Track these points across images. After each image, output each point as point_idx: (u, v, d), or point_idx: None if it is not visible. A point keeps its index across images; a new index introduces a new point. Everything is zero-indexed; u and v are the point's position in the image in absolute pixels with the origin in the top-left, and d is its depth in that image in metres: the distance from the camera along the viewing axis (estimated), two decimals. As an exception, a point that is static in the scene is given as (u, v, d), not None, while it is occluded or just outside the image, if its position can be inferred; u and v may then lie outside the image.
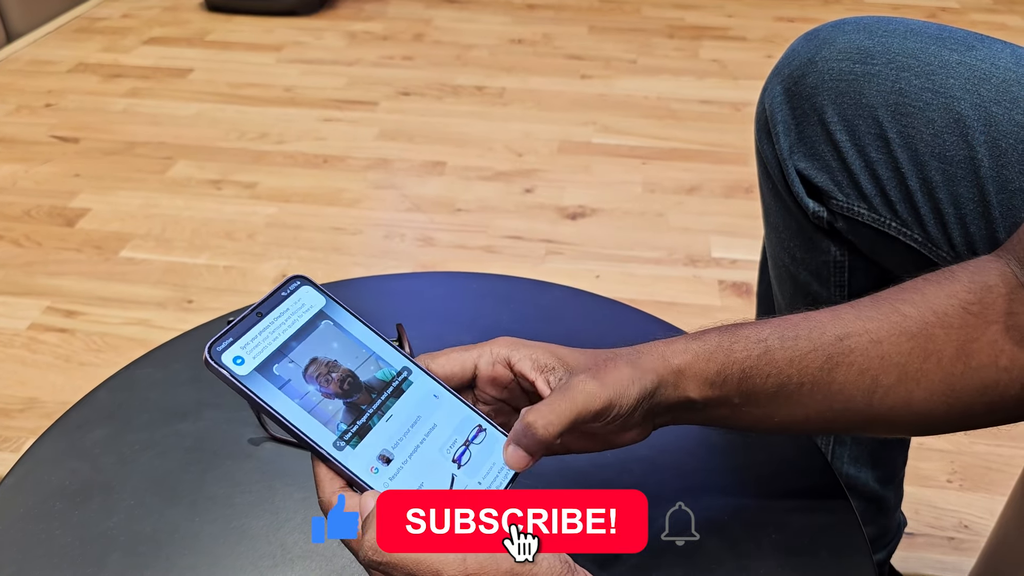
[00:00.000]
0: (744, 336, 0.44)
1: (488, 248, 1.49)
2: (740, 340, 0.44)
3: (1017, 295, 0.44)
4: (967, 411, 0.45)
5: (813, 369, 0.44)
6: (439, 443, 0.41)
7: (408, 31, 2.43)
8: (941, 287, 0.45)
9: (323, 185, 1.69)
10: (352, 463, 0.39)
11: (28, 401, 1.17)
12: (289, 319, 0.41)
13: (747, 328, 0.45)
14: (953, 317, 0.44)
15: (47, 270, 1.43)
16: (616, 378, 0.41)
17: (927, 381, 0.44)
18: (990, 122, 0.53)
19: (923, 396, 0.45)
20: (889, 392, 0.44)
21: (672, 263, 1.45)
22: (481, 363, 0.44)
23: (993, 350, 0.44)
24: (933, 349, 0.44)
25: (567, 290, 0.73)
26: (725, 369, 0.44)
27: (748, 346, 0.44)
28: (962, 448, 1.09)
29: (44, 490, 0.54)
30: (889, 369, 0.44)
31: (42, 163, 1.75)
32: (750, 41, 2.39)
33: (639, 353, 0.44)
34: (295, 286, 0.42)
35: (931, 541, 0.98)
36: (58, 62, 2.20)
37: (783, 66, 0.62)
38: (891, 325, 0.44)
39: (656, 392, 0.43)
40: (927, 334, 0.44)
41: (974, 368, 0.44)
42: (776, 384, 0.44)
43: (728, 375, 0.44)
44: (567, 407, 0.40)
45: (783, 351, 0.44)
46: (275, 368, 0.39)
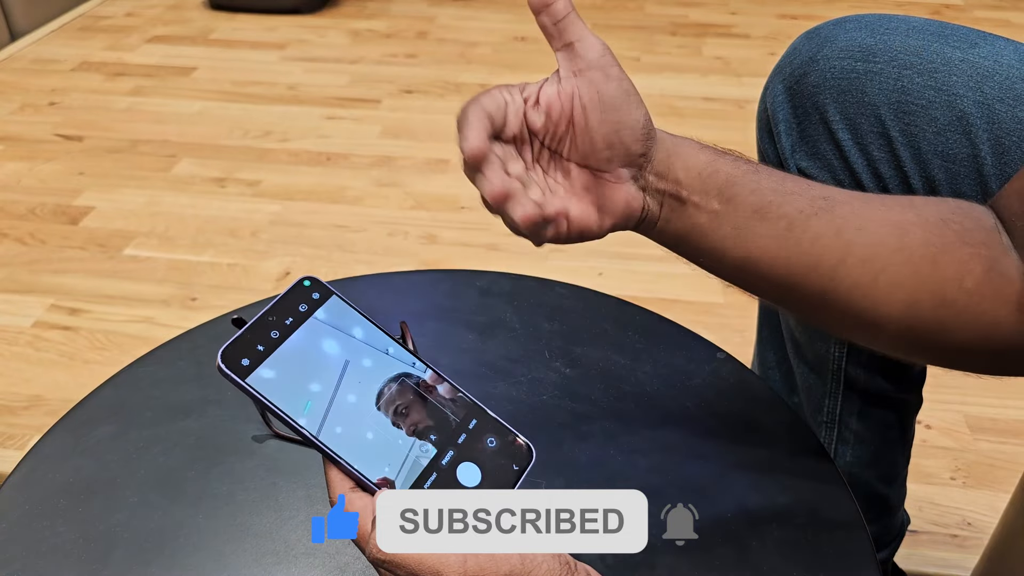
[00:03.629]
0: (736, 157, 0.46)
1: (491, 246, 1.49)
2: (732, 157, 0.46)
3: (995, 234, 0.45)
4: (919, 324, 0.45)
5: (794, 209, 0.45)
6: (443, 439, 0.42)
7: (411, 29, 2.43)
8: (928, 200, 0.47)
9: (326, 183, 1.69)
10: (361, 463, 0.39)
11: (32, 399, 1.17)
12: (298, 320, 0.41)
13: (743, 159, 0.47)
14: (934, 224, 0.45)
15: (51, 268, 1.44)
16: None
17: (892, 271, 0.45)
18: (993, 119, 0.53)
19: (885, 287, 0.45)
20: (855, 267, 0.45)
21: (675, 260, 1.44)
22: (512, 118, 0.44)
23: (961, 268, 0.44)
24: (907, 243, 0.45)
25: (570, 287, 0.73)
26: (711, 166, 0.45)
27: (738, 164, 0.46)
28: (965, 446, 1.09)
29: (48, 487, 0.54)
30: (864, 243, 0.45)
31: (46, 161, 1.75)
32: (753, 38, 2.38)
33: None
34: (305, 287, 0.42)
35: (934, 539, 0.98)
36: (62, 60, 2.20)
37: (785, 64, 0.62)
38: (873, 210, 0.46)
39: (652, 137, 0.45)
40: (906, 228, 0.45)
41: (938, 279, 0.44)
42: (757, 203, 0.45)
43: (714, 172, 0.45)
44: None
45: (770, 182, 0.46)
46: (285, 370, 0.39)
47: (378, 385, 0.41)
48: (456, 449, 0.41)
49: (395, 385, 0.42)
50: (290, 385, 0.39)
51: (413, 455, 0.40)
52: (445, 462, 0.41)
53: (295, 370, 0.40)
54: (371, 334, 0.43)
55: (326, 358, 0.41)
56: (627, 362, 0.64)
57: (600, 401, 0.60)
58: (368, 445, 0.40)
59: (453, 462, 0.41)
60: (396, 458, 0.40)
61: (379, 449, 0.40)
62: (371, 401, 0.41)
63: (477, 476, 0.41)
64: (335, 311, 0.42)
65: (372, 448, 0.40)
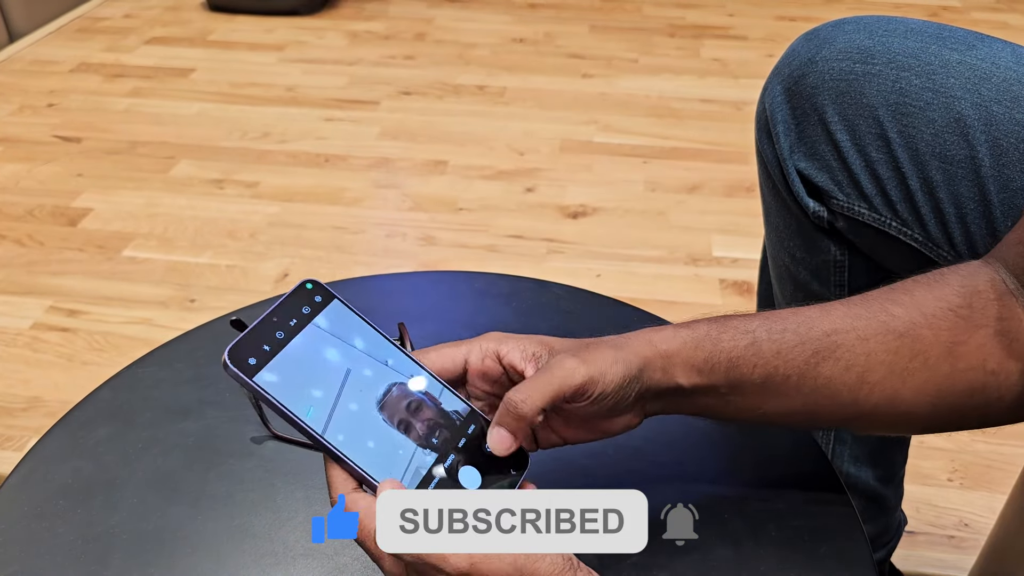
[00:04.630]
0: (732, 327, 0.45)
1: (489, 247, 1.49)
2: (728, 330, 0.45)
3: (1006, 301, 0.44)
4: (953, 412, 0.46)
5: (799, 362, 0.44)
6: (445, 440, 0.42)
7: (409, 30, 2.43)
8: (931, 289, 0.46)
9: (325, 184, 1.69)
10: (364, 462, 0.39)
11: (31, 400, 1.17)
12: (301, 323, 0.41)
13: (736, 319, 0.46)
14: (941, 319, 0.44)
15: (50, 269, 1.43)
16: (598, 357, 0.42)
17: (913, 380, 0.44)
18: (991, 121, 0.53)
19: (909, 395, 0.45)
20: (875, 389, 0.45)
21: (673, 262, 1.45)
22: (471, 357, 0.44)
23: (981, 353, 0.44)
24: (920, 349, 0.44)
25: (568, 289, 0.73)
26: (713, 357, 0.44)
27: (736, 336, 0.44)
28: (963, 446, 1.09)
29: (47, 489, 0.54)
30: (875, 366, 0.44)
31: (45, 163, 1.75)
32: (751, 40, 2.39)
33: (626, 338, 0.44)
34: (308, 289, 0.42)
35: (932, 539, 0.98)
36: (60, 62, 2.20)
37: (783, 66, 0.62)
38: (879, 324, 0.45)
39: (643, 375, 0.43)
40: (915, 334, 0.44)
41: (961, 370, 0.44)
42: (763, 375, 0.44)
43: (716, 363, 0.44)
44: (546, 381, 0.40)
45: (770, 343, 0.44)
46: (288, 370, 0.40)
47: (379, 391, 0.42)
48: (456, 454, 0.42)
49: (396, 391, 0.42)
50: (295, 387, 0.39)
51: (416, 461, 0.41)
52: (446, 466, 0.41)
53: (299, 372, 0.40)
54: (372, 340, 0.43)
55: (328, 363, 0.41)
56: (626, 363, 0.64)
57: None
58: (371, 451, 0.40)
59: (454, 466, 0.41)
60: (399, 464, 0.40)
61: (381, 454, 0.40)
62: (373, 407, 0.41)
63: (477, 480, 0.42)
64: (337, 315, 0.43)
65: (375, 453, 0.40)
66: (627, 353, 0.43)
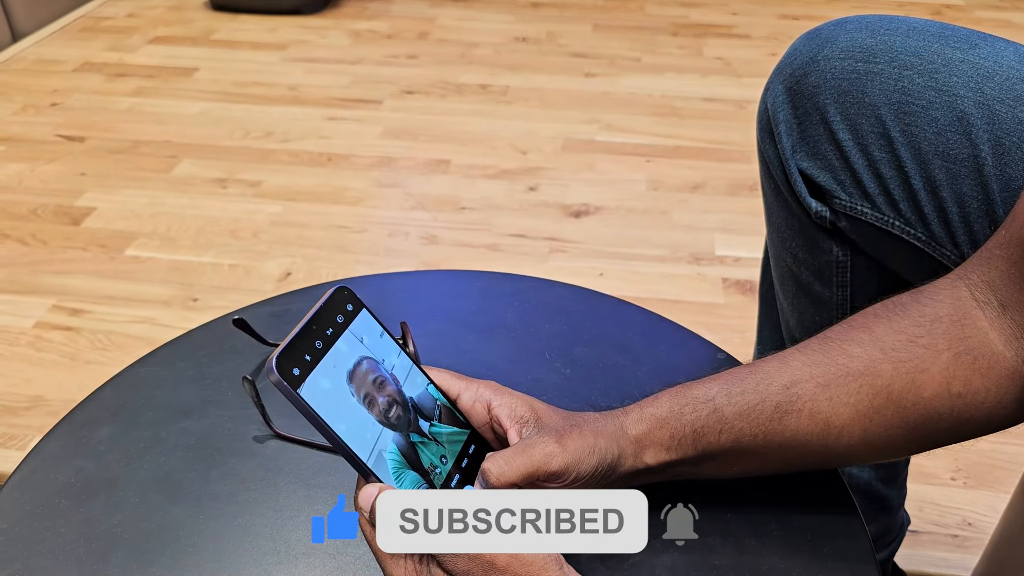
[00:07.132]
0: (693, 398, 0.46)
1: (492, 246, 1.49)
2: (689, 403, 0.46)
3: (969, 319, 0.45)
4: (927, 437, 0.46)
5: (763, 420, 0.45)
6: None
7: (412, 30, 2.43)
8: (889, 322, 0.46)
9: (327, 183, 1.69)
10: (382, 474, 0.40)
11: (34, 399, 1.18)
12: (336, 332, 0.41)
13: (696, 388, 0.47)
14: (901, 351, 0.45)
15: (53, 269, 1.44)
16: (578, 445, 0.43)
17: (880, 417, 0.45)
18: (993, 120, 0.53)
19: (879, 431, 0.45)
20: (843, 432, 0.45)
21: (676, 261, 1.45)
22: (464, 396, 0.46)
23: (944, 378, 0.44)
24: (882, 385, 0.44)
25: (571, 288, 0.73)
26: (678, 433, 0.45)
27: (697, 407, 0.46)
28: (966, 445, 1.09)
29: (49, 488, 0.54)
30: (840, 410, 0.45)
31: (48, 162, 1.76)
32: (754, 39, 2.38)
33: (604, 422, 0.46)
34: (344, 295, 0.42)
35: (935, 539, 0.98)
36: (63, 61, 2.21)
37: (785, 65, 0.62)
38: (838, 367, 0.45)
39: (616, 463, 0.44)
40: (875, 371, 0.45)
41: (927, 399, 0.44)
42: (729, 439, 0.46)
43: (681, 436, 0.45)
44: (522, 462, 0.42)
45: (731, 407, 0.46)
46: (328, 384, 0.39)
47: (403, 411, 0.42)
48: (461, 473, 0.43)
49: (414, 410, 0.43)
50: (332, 399, 0.39)
51: (430, 479, 0.42)
52: (453, 485, 0.42)
53: (335, 385, 0.39)
54: (395, 355, 0.44)
55: (358, 376, 0.41)
56: (627, 363, 0.64)
57: (600, 402, 0.60)
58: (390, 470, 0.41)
59: (459, 486, 0.43)
60: (415, 482, 0.41)
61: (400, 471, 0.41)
62: (400, 426, 0.42)
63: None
64: (365, 326, 0.43)
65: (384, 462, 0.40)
66: (605, 441, 0.44)
